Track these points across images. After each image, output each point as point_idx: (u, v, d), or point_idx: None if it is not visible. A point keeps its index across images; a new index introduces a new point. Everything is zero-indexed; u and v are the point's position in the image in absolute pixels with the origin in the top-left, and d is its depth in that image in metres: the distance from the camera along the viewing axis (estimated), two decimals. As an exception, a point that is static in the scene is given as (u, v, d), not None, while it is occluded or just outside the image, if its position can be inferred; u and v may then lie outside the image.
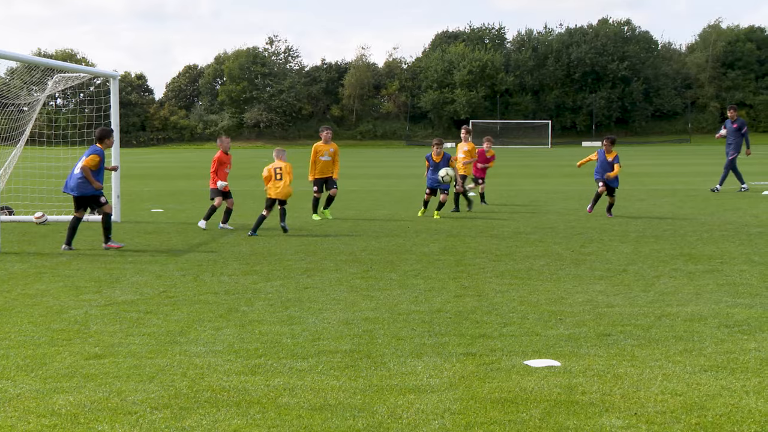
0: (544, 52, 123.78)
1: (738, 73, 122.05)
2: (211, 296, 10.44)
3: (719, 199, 23.93)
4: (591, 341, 8.00)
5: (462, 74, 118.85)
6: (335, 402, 6.24)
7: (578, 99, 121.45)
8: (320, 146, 20.10)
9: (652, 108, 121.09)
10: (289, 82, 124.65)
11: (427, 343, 8.00)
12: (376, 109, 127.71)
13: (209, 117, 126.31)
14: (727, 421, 5.77)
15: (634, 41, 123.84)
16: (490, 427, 5.68)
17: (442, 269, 12.37)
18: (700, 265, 12.52)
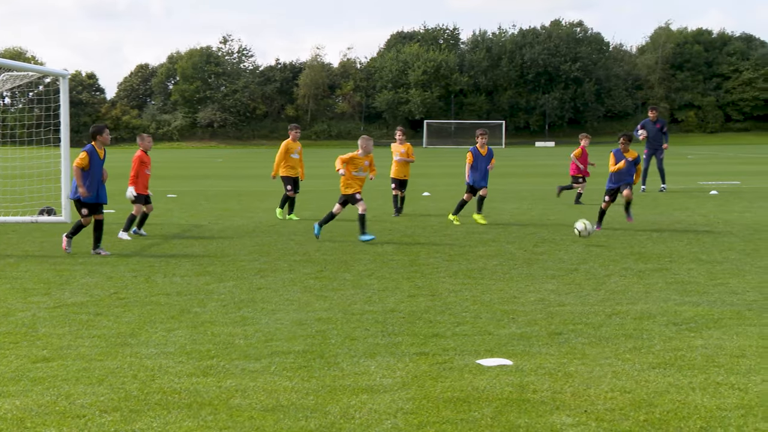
0: (498, 53, 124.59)
1: (686, 74, 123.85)
2: (163, 297, 10.34)
3: (668, 199, 24.24)
4: (542, 340, 8.06)
5: (416, 74, 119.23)
6: (288, 403, 6.22)
7: (531, 99, 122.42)
8: (290, 144, 19.92)
9: (603, 108, 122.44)
10: (243, 82, 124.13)
11: (381, 343, 8.00)
12: (330, 109, 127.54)
13: (162, 117, 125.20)
14: (674, 417, 5.84)
15: (586, 42, 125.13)
16: (443, 427, 5.69)
17: (395, 269, 12.38)
18: (649, 263, 12.66)
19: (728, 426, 5.65)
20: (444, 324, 8.76)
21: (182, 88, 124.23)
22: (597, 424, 5.71)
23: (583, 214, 18.94)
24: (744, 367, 7.05)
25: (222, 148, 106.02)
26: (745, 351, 7.55)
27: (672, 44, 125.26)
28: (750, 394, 6.33)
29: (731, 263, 12.63)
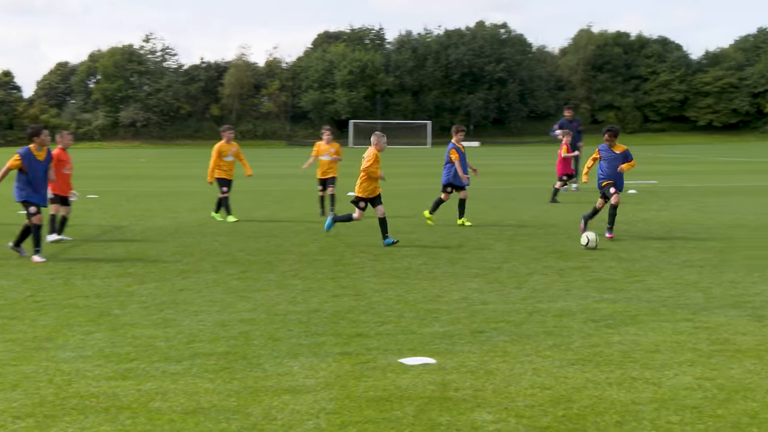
0: (424, 54, 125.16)
1: (607, 75, 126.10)
2: (82, 300, 10.14)
3: (589, 198, 24.61)
4: (465, 338, 8.11)
5: (342, 74, 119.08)
6: (209, 405, 6.15)
7: (456, 100, 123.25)
8: (223, 146, 19.53)
9: (527, 109, 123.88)
10: (167, 81, 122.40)
11: (304, 343, 7.97)
12: (256, 109, 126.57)
13: (82, 116, 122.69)
14: (591, 412, 5.94)
15: (510, 44, 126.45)
16: (365, 426, 5.70)
17: (320, 269, 12.35)
18: (570, 262, 12.86)
19: (642, 420, 5.77)
20: (368, 323, 8.77)
21: (104, 87, 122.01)
22: (517, 420, 5.77)
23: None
24: (658, 362, 7.20)
25: (145, 148, 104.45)
26: (659, 346, 7.71)
27: (593, 46, 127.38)
28: (663, 388, 6.47)
29: (648, 261, 12.89)
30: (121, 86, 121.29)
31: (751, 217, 18.96)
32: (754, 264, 12.47)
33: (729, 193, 25.97)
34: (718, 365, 7.08)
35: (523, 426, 5.65)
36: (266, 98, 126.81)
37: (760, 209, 20.81)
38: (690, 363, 7.15)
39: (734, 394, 6.31)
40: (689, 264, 12.54)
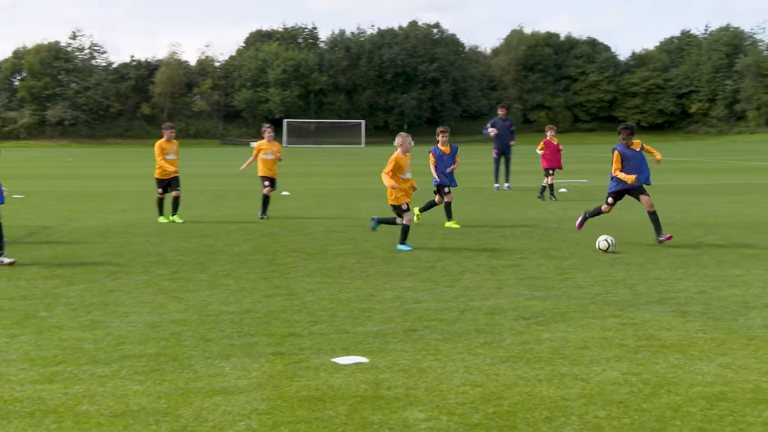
0: (357, 53, 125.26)
1: (538, 76, 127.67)
2: (6, 302, 9.92)
3: (520, 197, 24.91)
4: (398, 337, 8.13)
5: (276, 73, 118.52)
6: (138, 407, 6.07)
7: (390, 99, 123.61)
8: (164, 144, 18.95)
9: (460, 108, 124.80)
10: (96, 79, 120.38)
11: (236, 343, 7.91)
12: (188, 108, 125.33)
13: (8, 114, 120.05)
14: (521, 408, 6.00)
15: (443, 44, 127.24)
16: (297, 426, 5.68)
17: (253, 269, 12.28)
18: (502, 260, 12.97)
19: (570, 415, 5.85)
20: (301, 323, 8.74)
21: (29, 85, 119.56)
22: (448, 418, 5.81)
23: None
24: (587, 358, 7.31)
25: (73, 147, 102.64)
26: (588, 343, 7.83)
27: (524, 47, 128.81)
28: (591, 383, 6.57)
29: (578, 258, 13.08)
30: (48, 84, 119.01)
31: (678, 216, 19.36)
32: (679, 261, 12.73)
33: (656, 192, 26.43)
34: (644, 360, 7.21)
35: (455, 423, 5.69)
36: (198, 97, 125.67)
37: (686, 207, 21.27)
38: (617, 359, 7.27)
39: (659, 388, 6.44)
40: (617, 261, 12.75)
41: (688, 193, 25.85)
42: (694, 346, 7.67)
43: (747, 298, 9.93)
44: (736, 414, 5.85)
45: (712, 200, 23.21)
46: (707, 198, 23.82)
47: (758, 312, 9.15)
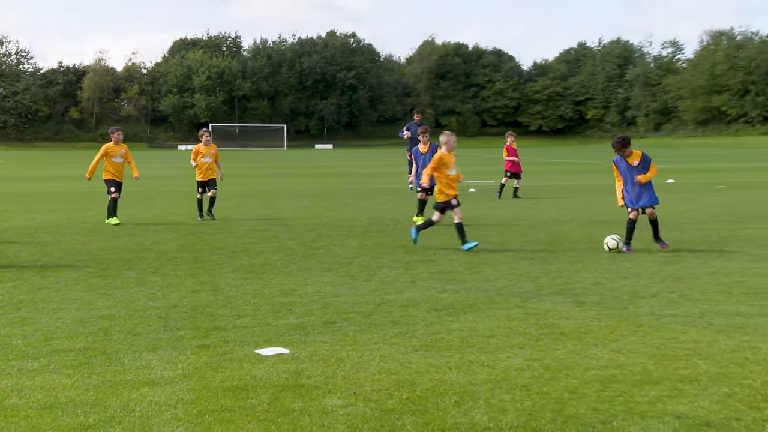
0: (279, 61, 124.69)
1: (449, 83, 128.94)
2: (-62, 300, 9.62)
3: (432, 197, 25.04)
4: (318, 329, 8.11)
5: (201, 80, 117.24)
6: (66, 400, 5.94)
7: (311, 105, 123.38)
8: (111, 147, 18.36)
9: (376, 114, 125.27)
10: (24, 84, 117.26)
11: (163, 337, 7.80)
12: (116, 112, 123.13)
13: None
14: (432, 394, 6.05)
15: (360, 53, 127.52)
16: (221, 414, 5.63)
17: (179, 266, 12.12)
18: (416, 255, 13.05)
19: (478, 399, 5.92)
20: (225, 317, 8.66)
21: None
22: (365, 404, 5.82)
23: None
24: (493, 346, 7.40)
25: (2, 150, 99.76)
26: (494, 332, 7.92)
27: (436, 56, 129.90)
28: (497, 369, 6.66)
29: (486, 254, 13.23)
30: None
31: (576, 213, 19.74)
32: (577, 255, 12.99)
33: (557, 191, 26.97)
34: (545, 347, 7.34)
35: (371, 409, 5.71)
36: (126, 102, 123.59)
37: (583, 206, 21.70)
38: (521, 346, 7.38)
39: (558, 372, 6.56)
40: (522, 256, 12.94)
41: (585, 193, 26.38)
42: (589, 333, 7.84)
43: (637, 288, 10.18)
44: (626, 394, 6.00)
45: (605, 199, 23.71)
46: (602, 197, 24.32)
47: (646, 301, 9.39)
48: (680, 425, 5.37)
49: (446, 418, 5.52)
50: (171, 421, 5.48)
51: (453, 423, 5.42)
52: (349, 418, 5.53)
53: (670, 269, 11.58)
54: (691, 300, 9.42)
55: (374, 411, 5.66)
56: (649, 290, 10.05)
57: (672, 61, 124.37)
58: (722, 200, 23.20)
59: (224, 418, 5.56)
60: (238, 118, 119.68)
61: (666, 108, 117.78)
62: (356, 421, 5.46)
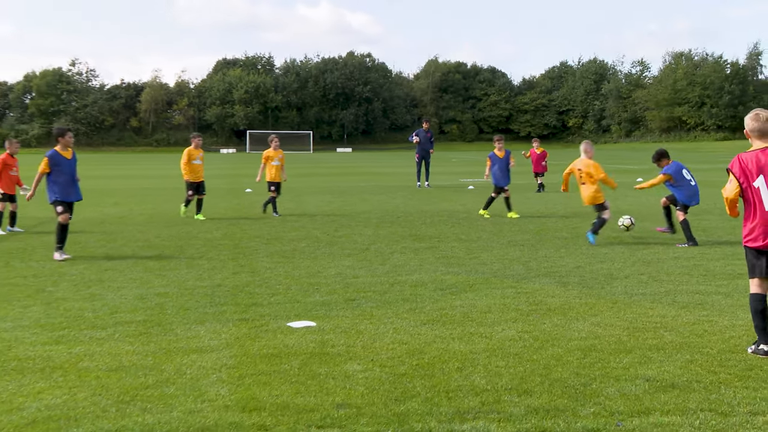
0: (305, 77, 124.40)
1: (450, 96, 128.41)
2: (20, 279, 9.66)
3: (437, 193, 25.03)
4: (340, 305, 8.11)
5: (240, 93, 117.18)
6: (129, 363, 5.96)
7: (333, 114, 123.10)
8: (192, 151, 17.34)
9: (389, 122, 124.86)
10: (92, 98, 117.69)
11: (209, 312, 7.82)
12: (168, 121, 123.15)
13: (20, 126, 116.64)
14: (438, 360, 6.04)
15: (374, 70, 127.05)
16: (259, 377, 5.64)
17: (222, 252, 12.13)
18: (423, 243, 13.03)
19: (477, 365, 5.90)
20: (261, 295, 8.67)
21: (38, 103, 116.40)
22: (381, 369, 5.82)
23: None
24: (490, 320, 7.38)
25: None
26: (491, 308, 7.90)
27: (439, 73, 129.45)
28: (494, 340, 6.64)
29: (483, 241, 13.19)
30: (53, 102, 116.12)
31: (559, 207, 19.65)
32: (561, 243, 12.93)
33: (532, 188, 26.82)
34: (534, 321, 7.31)
35: (386, 373, 5.70)
36: (177, 112, 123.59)
37: (566, 201, 21.58)
38: (514, 320, 7.36)
39: (545, 342, 6.53)
40: (513, 243, 12.90)
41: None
42: (572, 309, 7.81)
43: (612, 271, 10.13)
44: (604, 361, 5.97)
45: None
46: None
47: (620, 282, 9.34)
48: (649, 387, 5.34)
49: (450, 381, 5.51)
50: (216, 383, 5.50)
51: (456, 385, 5.40)
52: (367, 380, 5.53)
53: (640, 254, 11.51)
54: (658, 281, 9.37)
55: (389, 375, 5.66)
56: (623, 272, 10.00)
57: (640, 77, 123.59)
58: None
59: (261, 380, 5.57)
60: (271, 125, 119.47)
61: (635, 117, 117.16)
62: (373, 384, 5.45)
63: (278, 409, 4.93)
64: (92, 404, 5.03)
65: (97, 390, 5.33)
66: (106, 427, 4.63)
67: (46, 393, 5.27)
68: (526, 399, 5.11)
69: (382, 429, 4.60)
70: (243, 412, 4.88)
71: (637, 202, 20.73)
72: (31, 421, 4.75)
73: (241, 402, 5.06)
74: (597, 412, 4.86)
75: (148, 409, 4.95)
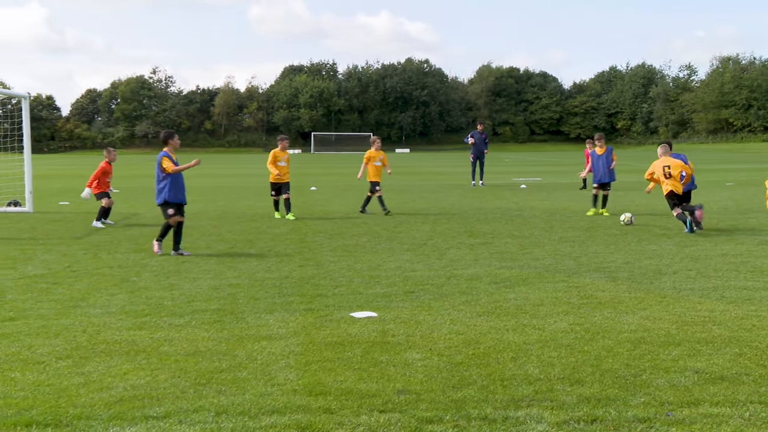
0: (366, 82, 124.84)
1: (503, 100, 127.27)
2: (107, 270, 9.93)
3: (491, 191, 24.82)
4: (400, 297, 8.10)
5: (305, 98, 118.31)
6: (205, 349, 6.07)
7: (392, 117, 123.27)
8: (278, 153, 16.93)
9: (444, 124, 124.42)
10: (171, 103, 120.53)
11: (277, 302, 7.89)
12: (239, 124, 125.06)
13: (107, 129, 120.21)
14: (493, 350, 5.98)
15: (431, 75, 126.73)
16: (324, 364, 5.67)
17: (289, 245, 12.25)
18: (478, 239, 12.93)
19: (530, 355, 5.83)
20: (326, 286, 8.72)
21: (122, 107, 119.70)
22: (438, 358, 5.80)
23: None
24: (542, 312, 7.28)
25: (155, 154, 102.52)
26: (543, 301, 7.80)
27: (492, 77, 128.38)
28: (546, 332, 6.55)
29: (535, 237, 13.03)
30: (135, 107, 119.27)
31: (609, 205, 19.27)
32: (611, 239, 12.68)
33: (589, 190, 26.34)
34: (585, 314, 7.19)
35: (443, 362, 5.68)
36: (247, 115, 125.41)
37: (615, 199, 21.14)
38: (565, 313, 7.25)
39: (596, 335, 6.41)
40: (564, 239, 12.71)
41: (615, 189, 25.74)
42: (621, 303, 7.65)
43: (660, 266, 9.89)
44: (653, 353, 5.83)
45: (633, 194, 23.13)
46: (630, 192, 23.72)
47: (669, 277, 9.11)
48: (698, 378, 5.20)
49: (505, 370, 5.45)
50: (285, 368, 5.55)
51: (510, 374, 5.35)
52: (426, 368, 5.51)
53: (687, 251, 11.21)
54: (706, 276, 9.11)
55: (446, 363, 5.64)
56: (671, 268, 9.75)
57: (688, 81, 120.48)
58: (730, 195, 22.36)
59: (326, 366, 5.60)
60: (334, 128, 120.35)
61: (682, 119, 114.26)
62: (432, 371, 5.43)
63: (342, 393, 4.96)
64: (172, 385, 5.14)
65: (176, 372, 5.43)
66: (184, 407, 4.72)
67: (131, 374, 5.41)
68: (578, 388, 5.02)
69: (441, 414, 4.58)
70: (310, 396, 4.91)
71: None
72: (118, 400, 4.87)
73: (307, 386, 5.09)
74: (647, 402, 4.75)
75: (223, 391, 5.03)
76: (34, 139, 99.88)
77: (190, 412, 4.63)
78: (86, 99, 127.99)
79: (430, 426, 4.42)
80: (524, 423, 4.45)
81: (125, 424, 4.46)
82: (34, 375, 5.40)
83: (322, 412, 4.62)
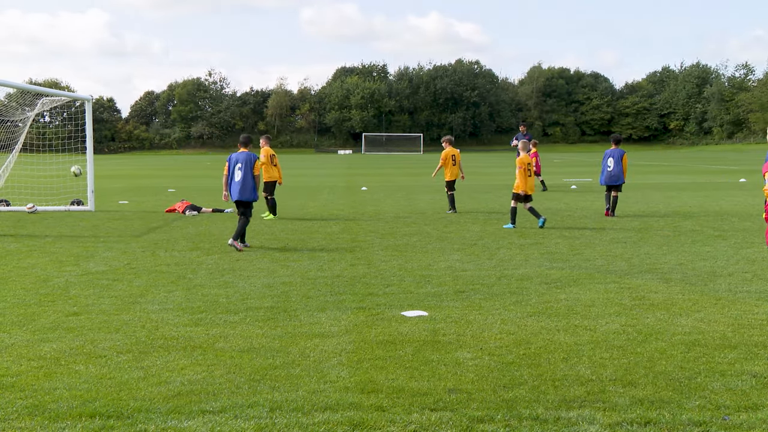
0: (417, 83, 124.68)
1: (554, 100, 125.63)
2: (165, 267, 10.14)
3: (541, 192, 24.52)
4: (450, 296, 8.07)
5: (356, 99, 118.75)
6: (259, 345, 6.14)
7: (442, 118, 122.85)
8: (272, 152, 16.77)
9: (494, 125, 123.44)
10: (225, 104, 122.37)
11: (329, 300, 7.94)
12: (292, 125, 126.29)
13: (164, 130, 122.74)
14: (544, 351, 5.92)
15: (482, 76, 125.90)
16: (375, 362, 5.68)
17: (341, 244, 12.31)
18: (528, 239, 12.80)
19: (582, 356, 5.74)
20: (377, 285, 8.73)
21: (179, 109, 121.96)
22: (489, 357, 5.76)
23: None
24: (594, 313, 7.17)
25: (210, 154, 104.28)
26: (594, 302, 7.68)
27: (543, 78, 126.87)
28: (597, 333, 6.45)
29: (586, 238, 12.83)
30: (191, 108, 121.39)
31: (661, 206, 18.88)
32: (663, 240, 12.42)
33: (644, 188, 25.88)
34: (637, 315, 7.05)
35: (494, 361, 5.64)
36: (299, 116, 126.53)
37: (667, 200, 20.73)
38: (617, 314, 7.13)
39: (649, 336, 6.29)
40: (616, 241, 12.49)
41: (668, 189, 25.19)
42: (675, 305, 7.48)
43: (715, 268, 9.64)
44: (708, 356, 5.69)
45: (686, 194, 22.60)
46: (682, 193, 23.18)
47: (723, 279, 8.88)
48: (756, 383, 5.04)
49: (556, 370, 5.38)
50: (337, 366, 5.58)
51: (562, 375, 5.28)
52: (477, 368, 5.48)
53: (743, 253, 10.90)
54: (764, 279, 8.84)
55: (497, 363, 5.59)
56: (726, 270, 9.49)
57: (744, 80, 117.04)
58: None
59: (378, 364, 5.61)
60: (384, 128, 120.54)
61: (738, 119, 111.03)
62: (482, 371, 5.40)
63: (394, 391, 4.96)
64: (227, 381, 5.21)
65: (231, 368, 5.51)
66: (239, 402, 4.78)
67: (188, 369, 5.50)
68: (631, 390, 4.93)
69: (492, 413, 4.55)
70: (362, 393, 4.93)
71: (743, 202, 19.66)
72: (176, 394, 4.97)
73: (359, 384, 5.11)
74: (702, 406, 4.63)
75: (277, 387, 5.08)
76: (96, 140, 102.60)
77: (245, 407, 4.70)
78: (144, 101, 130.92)
79: (481, 425, 4.39)
80: (576, 424, 4.38)
81: (183, 417, 4.55)
82: (96, 368, 5.55)
83: (373, 410, 4.63)
